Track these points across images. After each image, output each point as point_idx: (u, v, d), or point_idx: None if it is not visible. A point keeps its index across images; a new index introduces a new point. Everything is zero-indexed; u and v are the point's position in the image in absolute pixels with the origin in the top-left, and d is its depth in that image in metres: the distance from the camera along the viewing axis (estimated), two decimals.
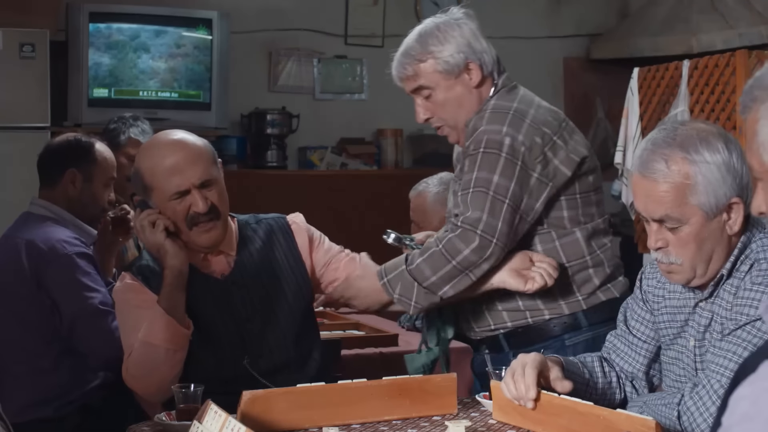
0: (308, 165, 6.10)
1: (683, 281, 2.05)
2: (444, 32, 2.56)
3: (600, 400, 2.16)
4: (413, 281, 2.45)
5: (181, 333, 2.38)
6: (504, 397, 2.14)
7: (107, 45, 5.44)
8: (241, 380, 2.37)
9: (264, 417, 2.09)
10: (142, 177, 2.46)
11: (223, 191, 2.49)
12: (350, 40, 6.32)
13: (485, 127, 2.49)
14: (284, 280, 2.56)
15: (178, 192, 2.42)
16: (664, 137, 1.99)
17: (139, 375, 2.40)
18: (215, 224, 2.46)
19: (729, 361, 1.93)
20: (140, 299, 2.44)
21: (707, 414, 1.92)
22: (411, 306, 2.48)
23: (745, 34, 5.84)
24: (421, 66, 2.57)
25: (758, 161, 1.39)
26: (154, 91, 5.55)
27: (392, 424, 2.19)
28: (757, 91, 1.39)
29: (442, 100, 2.58)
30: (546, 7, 6.72)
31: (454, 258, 2.40)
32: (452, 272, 2.42)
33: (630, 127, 5.01)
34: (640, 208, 2.04)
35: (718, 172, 1.95)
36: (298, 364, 2.52)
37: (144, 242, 2.49)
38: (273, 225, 2.62)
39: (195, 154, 2.45)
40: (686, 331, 2.10)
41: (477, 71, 2.56)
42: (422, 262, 2.44)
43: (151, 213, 2.45)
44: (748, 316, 1.94)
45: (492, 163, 2.44)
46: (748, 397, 1.11)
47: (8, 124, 4.91)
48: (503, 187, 2.42)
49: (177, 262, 2.41)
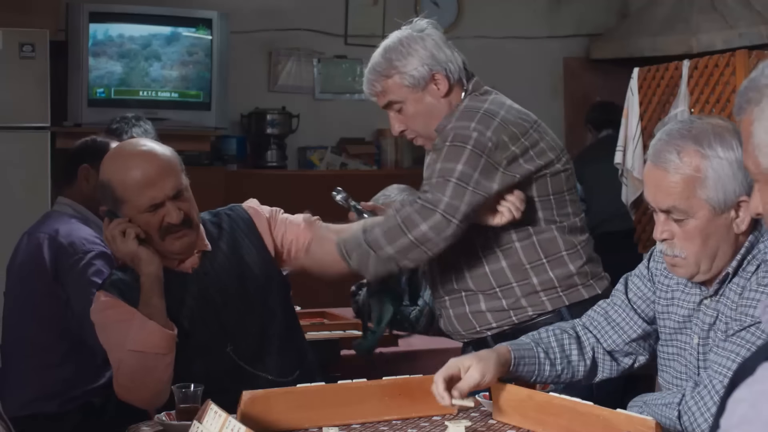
0: (308, 165, 6.10)
1: (686, 275, 2.05)
2: (407, 46, 2.60)
3: (556, 378, 2.20)
4: (369, 250, 2.47)
5: (167, 336, 2.38)
6: (504, 397, 2.14)
7: (108, 46, 5.44)
8: (227, 371, 2.42)
9: (264, 417, 2.10)
10: (113, 190, 2.44)
11: (192, 198, 2.50)
12: (350, 40, 6.32)
13: (454, 124, 2.53)
14: (253, 264, 2.57)
15: (153, 205, 2.42)
16: (680, 129, 2.00)
17: (132, 386, 2.39)
18: (188, 232, 2.47)
19: (732, 362, 1.92)
20: (119, 313, 2.43)
21: (708, 414, 1.92)
22: (369, 273, 2.52)
23: (745, 34, 5.84)
24: (388, 82, 2.61)
25: (754, 163, 1.39)
26: (154, 91, 5.55)
27: (392, 424, 2.20)
28: (751, 92, 1.40)
29: (412, 113, 2.62)
30: (546, 7, 6.72)
31: (410, 231, 2.43)
32: (409, 246, 2.44)
33: (630, 127, 5.01)
34: (649, 197, 2.04)
35: (729, 168, 1.95)
36: (281, 345, 2.54)
37: (116, 252, 2.48)
38: (231, 214, 2.64)
39: (166, 166, 2.45)
40: (689, 328, 2.10)
41: (443, 81, 2.59)
42: (379, 232, 2.46)
43: (120, 222, 2.44)
44: (753, 318, 1.93)
45: (457, 154, 2.47)
46: (747, 400, 1.11)
47: (8, 124, 4.91)
48: (467, 175, 2.45)
49: (153, 268, 2.41)
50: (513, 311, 2.57)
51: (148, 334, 2.36)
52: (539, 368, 2.18)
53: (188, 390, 2.17)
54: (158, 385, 2.36)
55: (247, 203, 2.70)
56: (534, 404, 2.12)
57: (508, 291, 2.56)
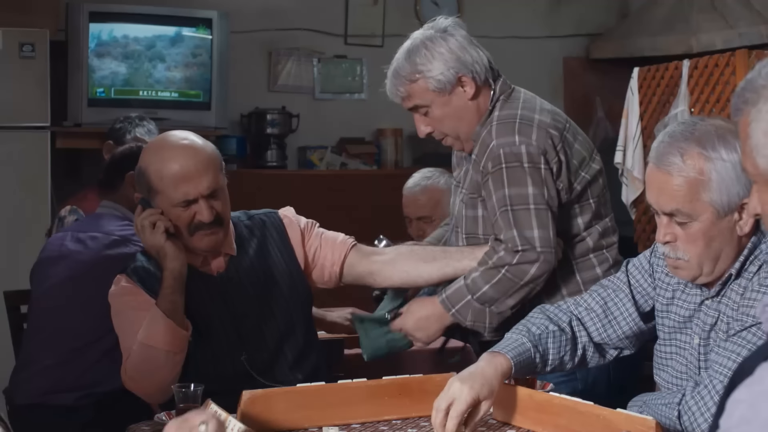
0: (308, 165, 6.09)
1: (689, 278, 2.05)
2: (431, 49, 2.54)
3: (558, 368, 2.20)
4: (484, 307, 2.47)
5: (181, 335, 2.37)
6: (504, 397, 2.14)
7: (111, 46, 5.43)
8: (239, 378, 2.39)
9: (264, 417, 2.10)
10: (149, 179, 2.44)
11: (227, 198, 2.49)
12: (350, 40, 6.32)
13: (497, 141, 2.48)
14: (279, 275, 2.56)
15: (186, 201, 2.41)
16: (683, 131, 1.99)
17: (138, 377, 2.39)
18: (217, 230, 2.45)
19: (733, 362, 1.92)
20: (137, 301, 2.43)
21: (708, 414, 1.92)
22: (486, 329, 2.51)
23: (745, 34, 5.83)
24: (413, 86, 2.57)
25: (752, 164, 1.39)
26: (154, 91, 5.55)
27: (392, 423, 2.20)
28: (748, 94, 1.39)
29: (439, 116, 2.58)
30: (546, 6, 6.71)
31: (522, 279, 2.44)
32: (520, 291, 2.45)
33: (630, 127, 5.01)
34: (652, 200, 2.03)
35: (732, 171, 1.94)
36: (295, 360, 2.53)
37: (144, 243, 2.48)
38: (266, 221, 2.62)
39: (205, 163, 2.43)
40: (690, 328, 2.10)
41: (470, 84, 2.55)
42: (489, 289, 2.46)
43: (152, 213, 2.43)
44: (754, 318, 1.93)
45: (519, 177, 2.45)
46: (746, 401, 1.11)
47: (8, 124, 4.91)
48: (539, 196, 2.44)
49: (177, 264, 2.40)
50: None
51: (162, 331, 2.34)
52: (531, 370, 2.17)
53: (188, 390, 2.16)
54: (164, 382, 2.36)
55: (283, 211, 2.67)
56: (534, 404, 2.12)
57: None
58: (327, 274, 2.64)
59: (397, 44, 2.68)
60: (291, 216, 2.66)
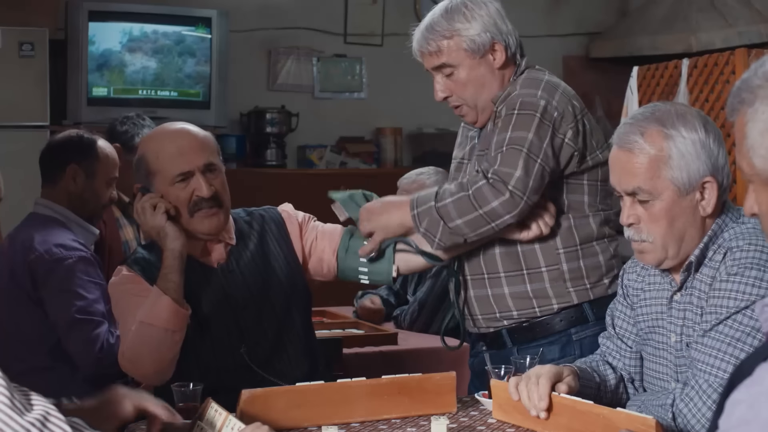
0: (307, 164, 6.10)
1: (654, 261, 2.05)
2: (471, 10, 2.54)
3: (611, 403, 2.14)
4: (440, 219, 2.42)
5: (180, 313, 2.37)
6: (504, 396, 2.14)
7: (107, 44, 5.44)
8: (239, 370, 2.41)
9: (263, 415, 2.09)
10: (147, 162, 2.49)
11: (225, 183, 2.52)
12: (349, 39, 6.32)
13: (519, 91, 2.49)
14: (279, 268, 2.58)
15: (182, 173, 2.44)
16: (643, 112, 2.04)
17: (136, 358, 2.38)
18: (217, 211, 2.47)
19: (715, 359, 1.93)
20: (138, 289, 2.44)
21: (699, 415, 1.92)
22: (434, 242, 2.46)
23: (745, 33, 5.83)
24: (446, 43, 2.53)
25: (748, 163, 1.39)
26: (153, 90, 5.55)
27: (391, 422, 2.20)
28: (744, 93, 1.39)
29: (464, 79, 2.55)
30: (545, 5, 6.72)
31: (481, 207, 2.38)
32: (478, 220, 2.40)
33: None
34: (615, 181, 2.06)
35: (692, 148, 1.97)
36: (295, 352, 2.54)
37: (143, 226, 2.49)
38: (264, 215, 2.65)
39: (200, 141, 2.51)
40: (665, 327, 2.10)
41: (502, 52, 2.55)
42: (450, 204, 2.41)
43: (152, 196, 2.46)
44: (728, 309, 1.93)
45: (527, 122, 2.43)
46: (745, 401, 1.11)
47: (8, 123, 4.92)
48: (537, 146, 2.41)
49: (177, 244, 2.41)
50: (536, 300, 2.53)
51: (161, 309, 2.35)
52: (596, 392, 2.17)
53: (187, 389, 2.16)
54: (162, 362, 2.36)
55: (281, 207, 2.71)
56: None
57: (535, 275, 2.52)
58: (325, 266, 2.64)
59: (396, 43, 2.69)
60: (290, 210, 2.69)
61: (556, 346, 2.52)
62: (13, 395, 1.41)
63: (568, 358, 2.47)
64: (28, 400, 1.45)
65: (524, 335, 2.55)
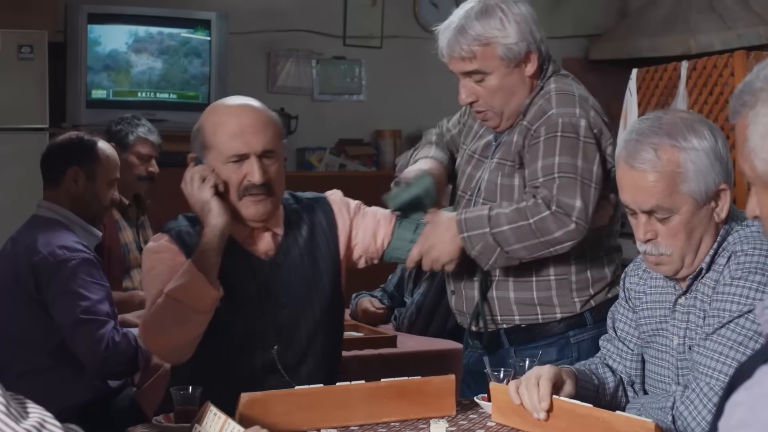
0: (307, 166, 6.10)
1: (671, 272, 2.04)
2: (507, 13, 2.46)
3: (610, 406, 2.14)
4: (496, 245, 2.39)
5: (211, 294, 2.25)
6: (503, 399, 2.14)
7: (113, 45, 5.44)
8: (265, 370, 2.35)
9: (262, 419, 2.09)
10: (203, 133, 2.37)
11: (282, 170, 2.40)
12: (349, 41, 6.32)
13: (556, 110, 2.43)
14: (325, 271, 2.47)
15: (237, 155, 2.33)
16: (650, 126, 1.97)
17: (157, 330, 2.27)
18: (266, 198, 2.36)
19: (716, 362, 1.92)
20: (174, 261, 2.32)
21: (700, 418, 1.91)
22: (488, 264, 2.44)
23: (744, 35, 5.84)
24: (483, 50, 2.44)
25: (750, 166, 1.39)
26: (153, 92, 5.55)
27: (390, 426, 2.19)
28: (746, 96, 1.39)
29: (495, 87, 2.48)
30: (544, 7, 6.71)
31: (543, 236, 2.37)
32: (538, 246, 2.38)
33: None
34: (628, 200, 2.01)
35: (707, 159, 1.94)
36: (319, 364, 2.45)
37: (189, 197, 2.36)
38: (315, 206, 2.52)
39: (264, 122, 2.38)
40: (668, 330, 2.09)
41: (535, 61, 2.48)
42: (509, 231, 2.38)
43: (204, 168, 2.35)
44: (731, 313, 1.92)
45: (573, 147, 2.40)
46: (745, 403, 1.11)
47: (7, 126, 4.92)
48: (588, 171, 2.39)
49: (220, 221, 2.30)
50: (541, 308, 2.51)
51: (193, 285, 2.23)
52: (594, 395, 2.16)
53: (186, 392, 2.15)
54: (183, 341, 2.26)
55: (331, 196, 2.57)
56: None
57: (543, 283, 2.50)
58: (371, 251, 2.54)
59: (395, 45, 2.68)
60: (340, 202, 2.56)
61: (554, 348, 2.52)
62: (9, 403, 1.40)
63: (565, 360, 2.47)
64: (24, 407, 1.44)
65: (522, 336, 2.55)
